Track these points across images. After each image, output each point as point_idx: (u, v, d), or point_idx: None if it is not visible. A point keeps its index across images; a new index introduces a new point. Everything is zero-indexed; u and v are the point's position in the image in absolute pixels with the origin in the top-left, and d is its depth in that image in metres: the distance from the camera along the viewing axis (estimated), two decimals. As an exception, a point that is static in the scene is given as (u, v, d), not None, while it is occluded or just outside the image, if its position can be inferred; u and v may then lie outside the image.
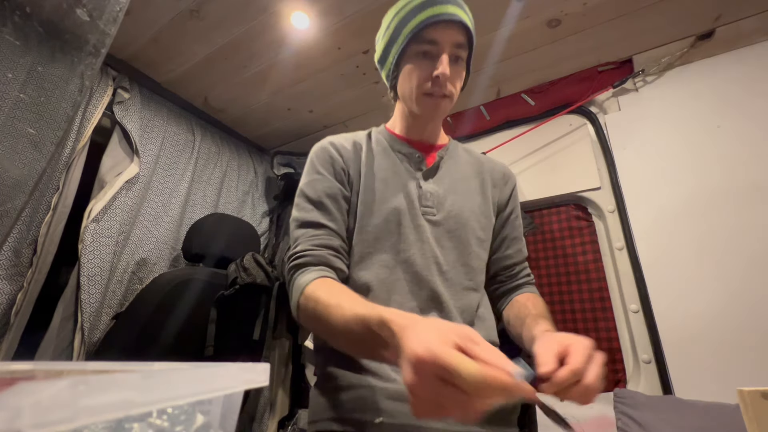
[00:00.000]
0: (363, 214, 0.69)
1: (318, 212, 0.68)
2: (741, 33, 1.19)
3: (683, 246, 1.14)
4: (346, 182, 0.72)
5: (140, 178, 1.38)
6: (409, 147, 0.76)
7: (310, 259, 0.63)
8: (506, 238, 0.78)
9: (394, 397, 0.57)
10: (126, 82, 1.39)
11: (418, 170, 0.74)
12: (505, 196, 0.80)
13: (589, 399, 0.46)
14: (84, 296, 1.16)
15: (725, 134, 1.16)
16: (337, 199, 0.69)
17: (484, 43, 1.31)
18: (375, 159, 0.74)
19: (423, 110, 0.71)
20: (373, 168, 0.73)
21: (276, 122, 1.81)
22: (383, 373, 0.59)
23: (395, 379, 0.58)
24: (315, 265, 0.63)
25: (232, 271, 1.42)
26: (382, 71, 0.78)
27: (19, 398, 0.14)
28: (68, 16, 0.99)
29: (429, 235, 0.68)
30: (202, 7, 1.18)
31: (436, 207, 0.71)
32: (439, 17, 0.65)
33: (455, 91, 0.71)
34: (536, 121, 1.49)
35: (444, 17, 0.65)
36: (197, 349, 1.26)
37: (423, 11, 0.66)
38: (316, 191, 0.69)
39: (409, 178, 0.73)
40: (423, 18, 0.66)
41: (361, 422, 0.57)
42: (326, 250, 0.65)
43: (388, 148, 0.76)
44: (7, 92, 1.01)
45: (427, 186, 0.72)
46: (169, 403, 0.21)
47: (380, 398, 0.57)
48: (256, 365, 0.28)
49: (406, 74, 0.71)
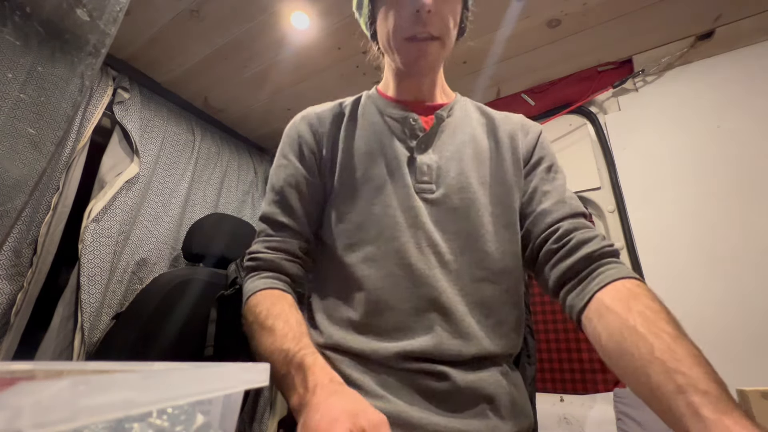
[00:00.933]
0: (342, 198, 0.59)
1: (278, 207, 0.60)
2: (741, 33, 1.19)
3: (683, 246, 1.14)
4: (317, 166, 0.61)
5: (140, 178, 1.38)
6: (402, 110, 0.63)
7: (262, 263, 0.59)
8: (536, 191, 0.59)
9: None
10: (126, 82, 1.39)
11: (413, 138, 0.60)
12: (528, 147, 0.63)
13: None
14: (84, 296, 1.16)
15: (725, 134, 1.16)
16: (300, 190, 0.60)
17: (484, 43, 1.31)
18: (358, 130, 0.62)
19: (407, 59, 0.58)
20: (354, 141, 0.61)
21: (276, 122, 1.81)
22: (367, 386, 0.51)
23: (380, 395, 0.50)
24: (266, 270, 0.58)
25: (232, 271, 1.42)
26: (360, 19, 0.66)
27: (19, 398, 0.14)
28: (68, 16, 0.99)
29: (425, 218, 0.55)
30: (202, 7, 1.18)
31: (434, 182, 0.57)
32: None
33: (446, 29, 0.56)
34: (536, 121, 1.49)
35: None
36: (197, 349, 1.26)
37: None
38: (278, 179, 0.61)
39: (401, 148, 0.60)
40: None
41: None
42: (281, 254, 0.59)
43: (377, 113, 0.64)
44: (7, 92, 1.01)
45: (423, 157, 0.59)
46: (169, 403, 0.21)
47: None
48: (256, 365, 0.28)
49: (383, 17, 0.58)
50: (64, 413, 0.15)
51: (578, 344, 1.30)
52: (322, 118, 0.64)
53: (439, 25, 0.55)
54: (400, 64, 0.60)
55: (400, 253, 0.54)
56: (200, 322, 1.28)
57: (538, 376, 1.32)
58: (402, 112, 0.63)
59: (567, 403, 1.21)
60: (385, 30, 0.58)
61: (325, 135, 0.63)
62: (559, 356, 1.32)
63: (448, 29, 0.57)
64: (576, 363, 1.28)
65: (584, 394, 1.22)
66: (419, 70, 0.61)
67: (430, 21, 0.54)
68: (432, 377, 0.50)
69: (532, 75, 1.49)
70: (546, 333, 1.36)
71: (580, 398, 1.20)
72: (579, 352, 1.29)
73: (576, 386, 1.26)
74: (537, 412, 1.11)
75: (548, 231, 0.56)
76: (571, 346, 1.31)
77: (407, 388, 0.49)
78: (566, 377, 1.29)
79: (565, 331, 1.33)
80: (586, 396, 1.20)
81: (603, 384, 1.22)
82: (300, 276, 0.61)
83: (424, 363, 0.51)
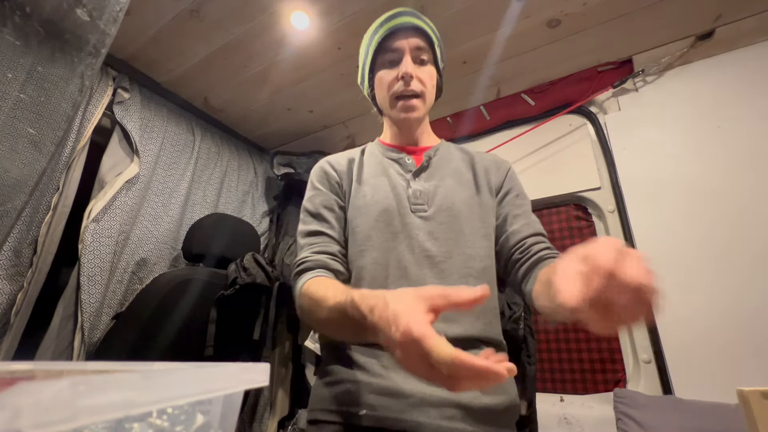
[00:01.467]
0: (354, 217, 0.73)
1: (317, 222, 0.74)
2: (741, 33, 1.19)
3: (683, 246, 1.14)
4: (341, 194, 0.78)
5: (140, 178, 1.38)
6: (398, 152, 0.81)
7: (310, 264, 0.69)
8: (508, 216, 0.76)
9: (377, 391, 0.61)
10: (126, 82, 1.39)
11: (408, 172, 0.77)
12: (499, 179, 0.80)
13: (643, 300, 0.33)
14: (84, 296, 1.16)
15: (725, 134, 1.16)
16: (333, 209, 0.76)
17: (484, 43, 1.31)
18: (365, 168, 0.79)
19: (398, 113, 0.76)
20: (362, 176, 0.78)
21: (276, 122, 1.82)
22: (371, 368, 0.63)
23: (381, 374, 0.62)
24: (313, 269, 0.68)
25: (232, 271, 1.42)
26: (363, 90, 0.86)
27: (19, 398, 0.14)
28: (68, 16, 0.99)
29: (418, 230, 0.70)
30: (202, 7, 1.18)
31: (426, 203, 0.73)
32: (396, 27, 0.75)
33: (425, 89, 0.76)
34: (536, 121, 1.50)
35: (401, 26, 0.75)
36: (197, 349, 1.26)
37: (383, 26, 0.77)
38: (314, 205, 0.76)
39: (399, 179, 0.76)
40: (383, 31, 0.76)
41: (347, 413, 0.62)
42: (324, 255, 0.71)
43: (379, 155, 0.81)
44: (7, 92, 1.01)
45: (416, 185, 0.75)
46: (169, 403, 0.21)
47: (364, 392, 0.62)
48: (256, 365, 0.28)
49: (378, 84, 0.79)
50: (64, 413, 0.15)
51: (578, 344, 1.30)
52: (339, 161, 0.81)
53: (419, 85, 0.75)
54: (394, 117, 0.78)
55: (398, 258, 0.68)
56: (200, 322, 1.28)
57: (538, 376, 1.32)
58: (398, 154, 0.80)
59: (567, 403, 1.21)
60: (382, 93, 0.78)
61: (344, 173, 0.79)
62: (559, 356, 1.32)
63: (426, 88, 0.76)
64: (576, 363, 1.28)
65: (584, 394, 1.22)
66: (408, 120, 0.78)
67: (411, 83, 0.74)
68: None
69: (532, 75, 1.49)
70: (546, 333, 1.36)
71: (580, 398, 1.20)
72: (579, 352, 1.29)
73: (576, 386, 1.26)
74: (537, 412, 1.11)
75: (516, 246, 0.72)
76: (571, 346, 1.31)
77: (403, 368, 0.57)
78: (566, 377, 1.29)
79: (565, 331, 1.33)
80: (586, 396, 1.20)
81: (603, 384, 1.22)
82: (342, 272, 0.71)
83: None
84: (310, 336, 1.47)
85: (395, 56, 0.76)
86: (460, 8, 1.18)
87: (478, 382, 0.37)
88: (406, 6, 0.80)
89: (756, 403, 0.37)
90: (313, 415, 0.66)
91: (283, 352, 1.63)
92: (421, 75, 0.76)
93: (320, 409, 0.66)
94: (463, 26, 1.25)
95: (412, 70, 0.74)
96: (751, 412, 0.37)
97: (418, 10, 1.19)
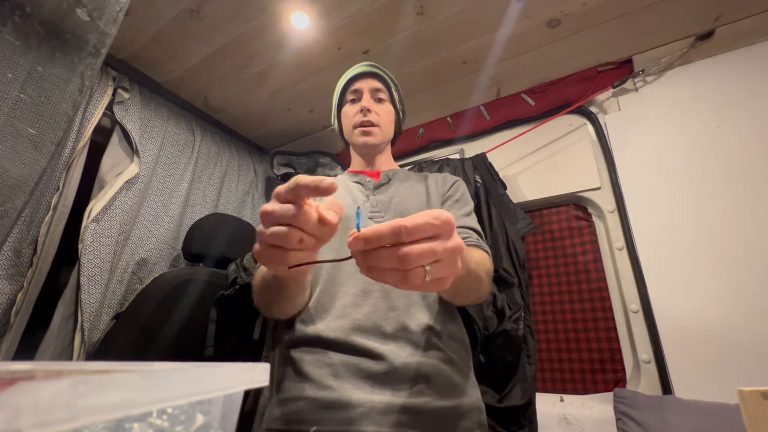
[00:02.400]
0: None
1: None
2: (741, 33, 1.19)
3: (683, 246, 1.14)
4: None
5: (140, 178, 1.38)
6: (361, 176, 0.91)
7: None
8: None
9: (326, 405, 0.62)
10: (126, 82, 1.39)
11: (368, 190, 0.87)
12: (445, 189, 0.89)
13: (404, 274, 0.36)
14: (84, 296, 1.16)
15: (725, 134, 1.16)
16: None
17: (484, 43, 1.31)
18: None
19: (358, 140, 0.89)
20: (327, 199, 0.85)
21: (276, 122, 1.81)
22: (320, 380, 0.64)
23: (330, 386, 0.63)
24: None
25: (232, 271, 1.42)
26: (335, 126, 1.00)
27: (19, 398, 0.14)
28: (68, 16, 0.99)
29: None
30: (202, 7, 1.18)
31: (383, 210, 0.81)
32: (358, 73, 0.93)
33: (382, 122, 0.90)
34: (536, 121, 1.50)
35: (362, 72, 0.92)
36: (197, 349, 1.26)
37: (348, 73, 0.94)
38: None
39: (360, 195, 0.85)
40: (347, 77, 0.94)
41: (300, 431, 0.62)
42: None
43: (346, 181, 0.90)
44: (7, 92, 1.01)
45: (375, 197, 0.84)
46: (169, 403, 0.21)
47: (314, 408, 0.62)
48: (256, 365, 0.28)
49: (344, 117, 0.94)
50: (64, 413, 0.15)
51: (578, 344, 1.30)
52: None
53: (377, 118, 0.89)
54: (356, 143, 0.92)
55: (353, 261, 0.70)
56: (200, 322, 1.28)
57: (538, 376, 1.32)
58: (360, 177, 0.90)
59: (567, 403, 1.21)
60: (346, 125, 0.93)
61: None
62: (559, 356, 1.32)
63: (384, 121, 0.91)
64: (576, 363, 1.28)
65: (584, 394, 1.22)
66: (366, 145, 0.90)
67: (369, 115, 0.88)
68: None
69: (532, 75, 1.49)
70: (546, 333, 1.36)
71: (580, 398, 1.20)
72: (579, 352, 1.29)
73: (576, 386, 1.26)
74: (537, 412, 1.11)
75: None
76: (571, 346, 1.31)
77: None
78: (566, 377, 1.29)
79: (565, 331, 1.33)
80: (586, 396, 1.20)
81: (603, 384, 1.22)
82: None
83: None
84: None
85: (357, 95, 0.92)
86: (460, 8, 1.18)
87: (325, 225, 0.40)
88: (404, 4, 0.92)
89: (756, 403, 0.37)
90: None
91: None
92: (379, 110, 0.90)
93: (273, 429, 0.66)
94: (463, 26, 1.25)
95: (370, 105, 0.89)
96: (751, 412, 0.37)
97: (418, 11, 1.19)
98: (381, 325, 0.66)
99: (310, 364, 0.66)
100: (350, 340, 0.65)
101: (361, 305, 0.68)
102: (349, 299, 0.69)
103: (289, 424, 0.63)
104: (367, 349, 0.64)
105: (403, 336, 0.66)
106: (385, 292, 0.69)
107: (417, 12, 1.19)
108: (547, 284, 1.40)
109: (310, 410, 0.62)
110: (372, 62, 0.96)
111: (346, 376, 0.63)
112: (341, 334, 0.66)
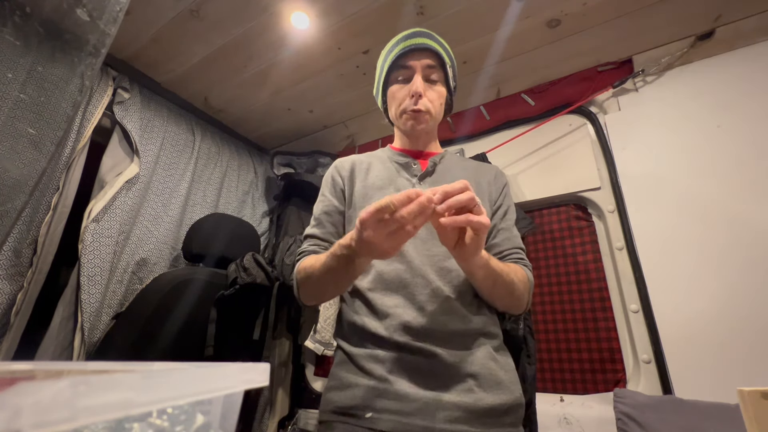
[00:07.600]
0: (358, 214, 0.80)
1: (316, 227, 0.84)
2: (741, 33, 1.19)
3: (683, 246, 1.14)
4: (343, 198, 0.85)
5: (140, 178, 1.38)
6: (405, 156, 0.87)
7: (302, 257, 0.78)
8: (494, 228, 0.83)
9: (383, 395, 0.66)
10: (126, 82, 1.39)
11: (414, 176, 0.84)
12: (497, 191, 0.87)
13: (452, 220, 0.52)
14: (84, 296, 1.16)
15: (725, 134, 1.16)
16: (331, 215, 0.84)
17: (484, 43, 1.31)
18: (372, 171, 0.86)
19: (406, 125, 0.84)
20: (368, 179, 0.84)
21: (276, 122, 1.81)
22: (377, 373, 0.68)
23: (385, 378, 0.67)
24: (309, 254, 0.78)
25: (232, 271, 1.42)
26: (378, 103, 0.94)
27: (19, 398, 0.14)
28: (68, 16, 0.99)
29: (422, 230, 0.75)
30: (202, 7, 1.18)
31: None
32: (409, 47, 0.81)
33: (432, 107, 0.83)
34: (536, 121, 1.49)
35: (414, 46, 0.81)
36: (197, 349, 1.26)
37: (398, 45, 0.83)
38: (318, 211, 0.86)
39: (405, 181, 0.83)
40: (398, 50, 0.82)
41: (355, 415, 0.66)
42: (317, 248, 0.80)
43: (387, 159, 0.88)
44: (7, 92, 1.01)
45: (421, 187, 0.81)
46: (169, 403, 0.21)
47: (370, 396, 0.66)
48: (256, 365, 0.28)
49: (391, 98, 0.86)
50: (64, 413, 0.15)
51: (578, 344, 1.29)
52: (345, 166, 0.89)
53: (427, 103, 0.82)
54: (403, 128, 0.86)
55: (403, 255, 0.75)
56: (200, 322, 1.28)
57: (538, 376, 1.32)
58: (404, 158, 0.87)
59: (567, 403, 1.21)
60: (393, 107, 0.86)
61: (347, 177, 0.87)
62: (559, 356, 1.31)
63: (434, 105, 0.83)
64: (576, 363, 1.28)
65: (584, 394, 1.22)
66: (414, 132, 0.85)
67: (420, 101, 0.81)
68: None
69: (532, 75, 1.49)
70: (546, 333, 1.36)
71: (580, 398, 1.20)
72: (579, 352, 1.29)
73: (576, 386, 1.26)
74: (537, 412, 1.11)
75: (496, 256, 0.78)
76: (571, 346, 1.30)
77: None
78: (566, 377, 1.28)
79: (565, 331, 1.33)
80: (586, 396, 1.20)
81: (603, 384, 1.22)
82: None
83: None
84: (310, 336, 1.47)
85: (407, 73, 0.82)
86: (460, 8, 1.18)
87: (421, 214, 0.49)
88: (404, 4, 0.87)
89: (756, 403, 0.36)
90: (322, 417, 0.71)
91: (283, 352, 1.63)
92: (430, 94, 0.83)
93: (329, 411, 0.70)
94: (463, 26, 1.25)
95: (422, 89, 0.80)
96: (751, 412, 0.37)
97: (418, 11, 1.19)
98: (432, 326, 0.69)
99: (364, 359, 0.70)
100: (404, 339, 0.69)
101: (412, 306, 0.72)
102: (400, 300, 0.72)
103: (347, 408, 0.67)
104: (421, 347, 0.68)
105: (455, 336, 0.70)
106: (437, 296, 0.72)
107: (417, 12, 1.19)
108: (547, 284, 1.40)
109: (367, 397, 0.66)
110: (428, 31, 0.85)
111: (400, 372, 0.67)
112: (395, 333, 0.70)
